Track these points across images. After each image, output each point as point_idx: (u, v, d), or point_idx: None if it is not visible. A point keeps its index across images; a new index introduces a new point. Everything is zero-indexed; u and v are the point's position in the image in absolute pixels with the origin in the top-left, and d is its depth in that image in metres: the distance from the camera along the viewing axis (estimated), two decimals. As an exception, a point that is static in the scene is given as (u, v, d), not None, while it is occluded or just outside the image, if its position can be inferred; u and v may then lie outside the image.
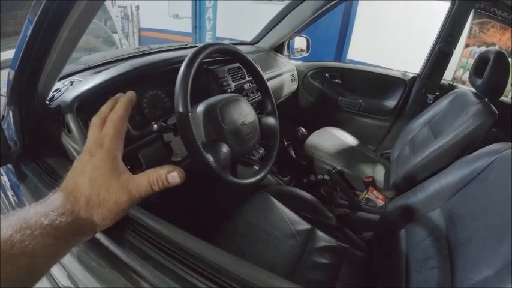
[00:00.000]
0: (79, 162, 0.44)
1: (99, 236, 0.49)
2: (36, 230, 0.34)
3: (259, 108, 1.29)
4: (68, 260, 0.54)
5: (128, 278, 0.45)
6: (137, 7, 6.17)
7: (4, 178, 0.87)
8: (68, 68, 1.00)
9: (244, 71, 1.32)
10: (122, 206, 0.42)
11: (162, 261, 0.44)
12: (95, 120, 0.46)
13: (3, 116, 0.82)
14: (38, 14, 0.59)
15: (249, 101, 1.16)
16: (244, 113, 0.92)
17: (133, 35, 6.33)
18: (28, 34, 0.62)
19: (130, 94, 0.49)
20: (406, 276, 0.80)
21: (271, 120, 1.02)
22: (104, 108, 0.47)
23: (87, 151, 0.44)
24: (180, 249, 0.45)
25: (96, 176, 0.42)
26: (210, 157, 0.76)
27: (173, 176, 0.44)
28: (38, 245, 0.34)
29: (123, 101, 0.47)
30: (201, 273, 0.41)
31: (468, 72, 1.31)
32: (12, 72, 0.70)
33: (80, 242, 0.43)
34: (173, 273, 0.42)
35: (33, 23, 0.60)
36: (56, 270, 0.65)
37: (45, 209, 0.37)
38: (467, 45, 2.94)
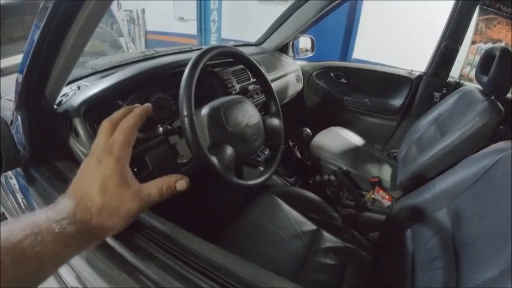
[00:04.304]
0: (86, 168, 0.44)
1: (107, 238, 0.50)
2: (46, 236, 0.34)
3: (264, 109, 1.30)
4: (77, 261, 0.55)
5: (135, 279, 0.45)
6: (143, 10, 6.23)
7: (13, 181, 0.89)
8: (75, 72, 1.02)
9: (249, 73, 1.33)
10: (132, 213, 0.44)
11: (167, 261, 0.45)
12: (105, 125, 0.46)
13: (11, 120, 0.84)
14: (44, 20, 0.60)
15: (253, 102, 1.17)
16: (249, 114, 0.93)
17: (139, 38, 6.38)
18: (35, 39, 0.64)
19: (147, 106, 0.51)
20: (412, 277, 0.80)
21: (275, 122, 1.02)
22: (117, 114, 0.48)
23: (95, 157, 0.43)
24: (184, 250, 0.45)
25: (107, 185, 0.42)
26: (214, 159, 0.77)
27: (181, 183, 0.48)
28: (47, 251, 0.34)
29: (138, 110, 0.48)
30: (205, 273, 0.41)
31: (475, 69, 1.30)
32: (20, 77, 0.72)
33: (90, 247, 0.43)
34: (178, 273, 0.43)
35: (40, 29, 0.62)
36: (64, 272, 0.66)
37: (57, 216, 0.37)
38: (473, 42, 2.92)
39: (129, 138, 0.45)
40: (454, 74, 1.85)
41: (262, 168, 1.02)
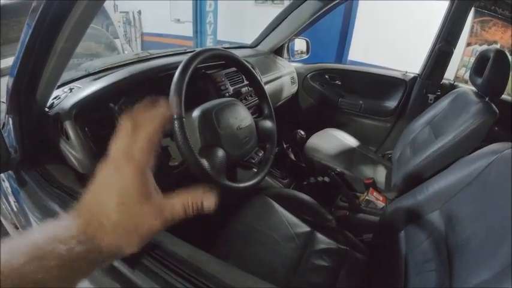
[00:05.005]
0: (102, 176, 0.36)
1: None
2: (51, 260, 0.29)
3: (258, 111, 1.30)
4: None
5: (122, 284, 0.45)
6: (139, 12, 6.23)
7: (6, 184, 0.89)
8: (69, 75, 1.02)
9: (243, 75, 1.32)
10: (154, 231, 0.36)
11: (151, 267, 0.44)
12: (128, 125, 0.36)
13: (3, 123, 0.83)
14: (34, 22, 0.60)
15: (247, 104, 1.16)
16: (241, 117, 0.92)
17: (135, 40, 6.38)
18: (26, 40, 0.63)
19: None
20: (405, 279, 0.79)
21: (268, 124, 1.02)
22: (142, 113, 0.37)
23: (113, 163, 0.36)
24: (172, 257, 0.45)
25: (126, 198, 0.35)
26: (205, 162, 0.76)
27: (208, 200, 0.37)
28: (52, 277, 0.28)
29: (163, 111, 0.37)
30: (189, 280, 0.41)
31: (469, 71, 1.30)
32: (11, 80, 0.71)
33: (99, 267, 0.36)
34: (163, 280, 0.42)
35: (31, 30, 0.61)
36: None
37: (65, 234, 0.31)
38: (469, 44, 2.93)
39: (153, 141, 0.36)
40: (449, 75, 1.85)
41: (256, 170, 1.02)
